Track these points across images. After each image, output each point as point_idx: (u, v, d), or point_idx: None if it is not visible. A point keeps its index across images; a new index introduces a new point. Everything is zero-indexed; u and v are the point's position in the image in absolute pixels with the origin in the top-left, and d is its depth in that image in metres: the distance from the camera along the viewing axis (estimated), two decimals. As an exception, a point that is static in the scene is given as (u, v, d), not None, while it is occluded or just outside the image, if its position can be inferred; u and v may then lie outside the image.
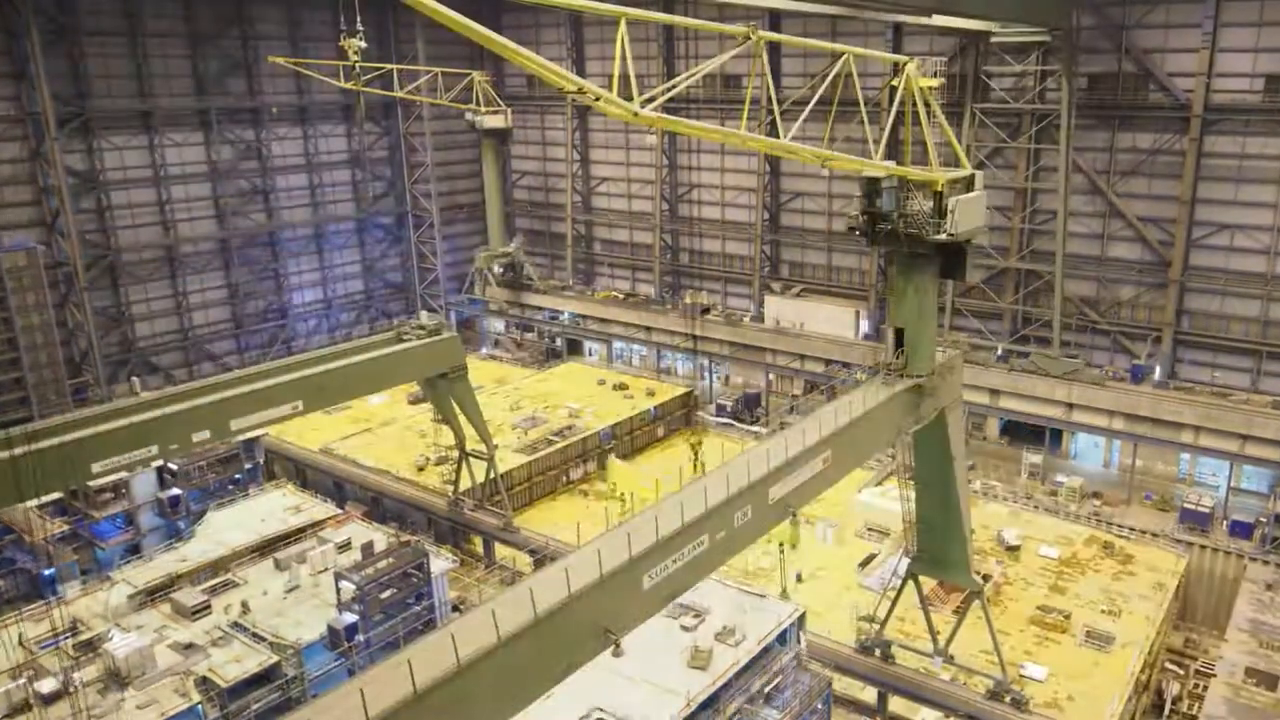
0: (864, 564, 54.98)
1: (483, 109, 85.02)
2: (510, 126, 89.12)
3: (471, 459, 58.99)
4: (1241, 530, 58.98)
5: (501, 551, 58.92)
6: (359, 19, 55.64)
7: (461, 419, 56.78)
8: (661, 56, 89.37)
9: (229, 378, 47.90)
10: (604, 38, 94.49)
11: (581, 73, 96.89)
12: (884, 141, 36.45)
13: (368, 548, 47.36)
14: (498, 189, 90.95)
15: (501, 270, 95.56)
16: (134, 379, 61.32)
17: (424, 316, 57.75)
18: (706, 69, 29.90)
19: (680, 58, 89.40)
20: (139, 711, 38.03)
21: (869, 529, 58.87)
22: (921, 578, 45.05)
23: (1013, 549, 56.37)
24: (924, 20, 62.61)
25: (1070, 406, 66.20)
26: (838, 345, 77.95)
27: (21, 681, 39.05)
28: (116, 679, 39.68)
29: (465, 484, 59.94)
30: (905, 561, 44.46)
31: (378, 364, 51.09)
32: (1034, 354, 68.75)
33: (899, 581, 45.24)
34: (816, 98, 35.13)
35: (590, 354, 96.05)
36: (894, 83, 36.07)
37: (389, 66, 77.18)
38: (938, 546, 42.68)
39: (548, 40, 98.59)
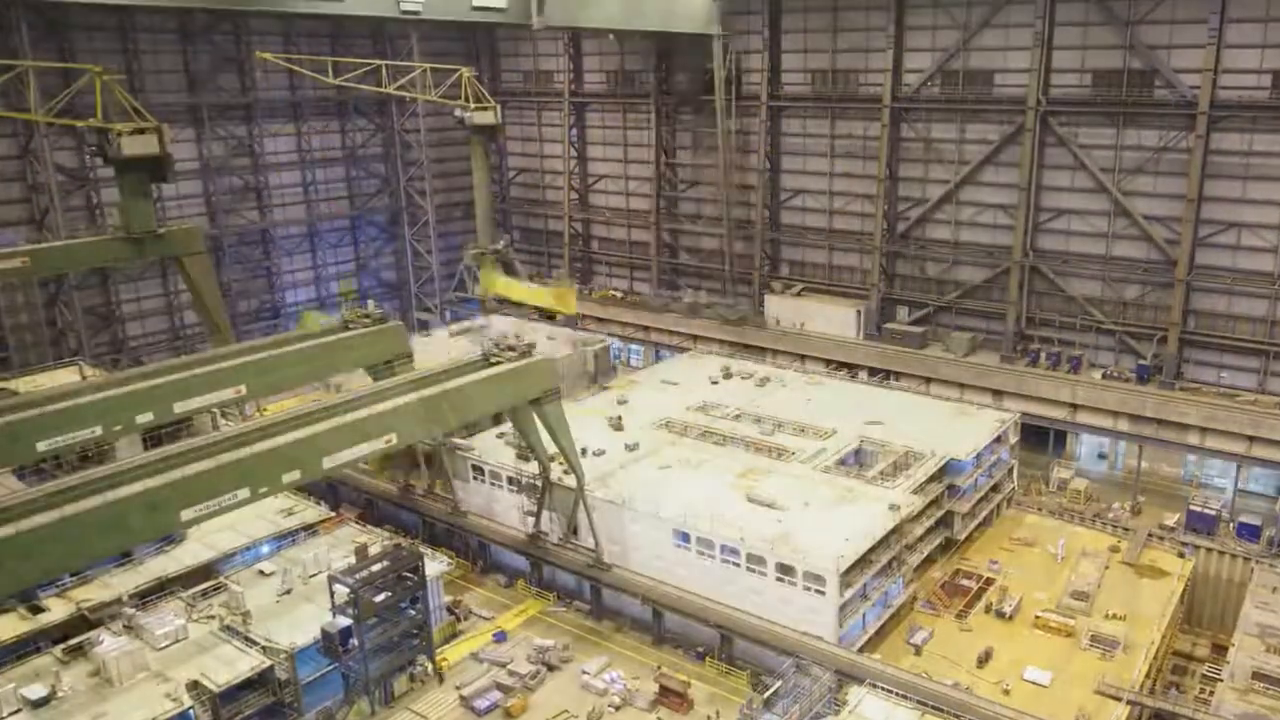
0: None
1: (471, 104, 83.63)
2: (500, 123, 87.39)
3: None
4: (1248, 533, 58.22)
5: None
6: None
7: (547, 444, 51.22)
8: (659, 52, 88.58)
9: (314, 409, 43.51)
10: (600, 33, 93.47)
11: (579, 68, 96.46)
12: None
13: (362, 551, 46.34)
14: (486, 185, 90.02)
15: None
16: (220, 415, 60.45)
17: (509, 336, 54.39)
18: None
19: (679, 53, 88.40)
20: (130, 715, 37.22)
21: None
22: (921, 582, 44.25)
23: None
24: None
25: (1075, 408, 65.53)
26: (838, 344, 77.24)
27: (11, 686, 38.24)
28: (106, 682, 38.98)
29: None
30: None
31: (474, 390, 46.56)
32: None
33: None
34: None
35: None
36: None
37: (378, 63, 76.04)
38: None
39: (545, 36, 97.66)
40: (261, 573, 47.79)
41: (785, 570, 45.82)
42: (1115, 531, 58.37)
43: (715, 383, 67.40)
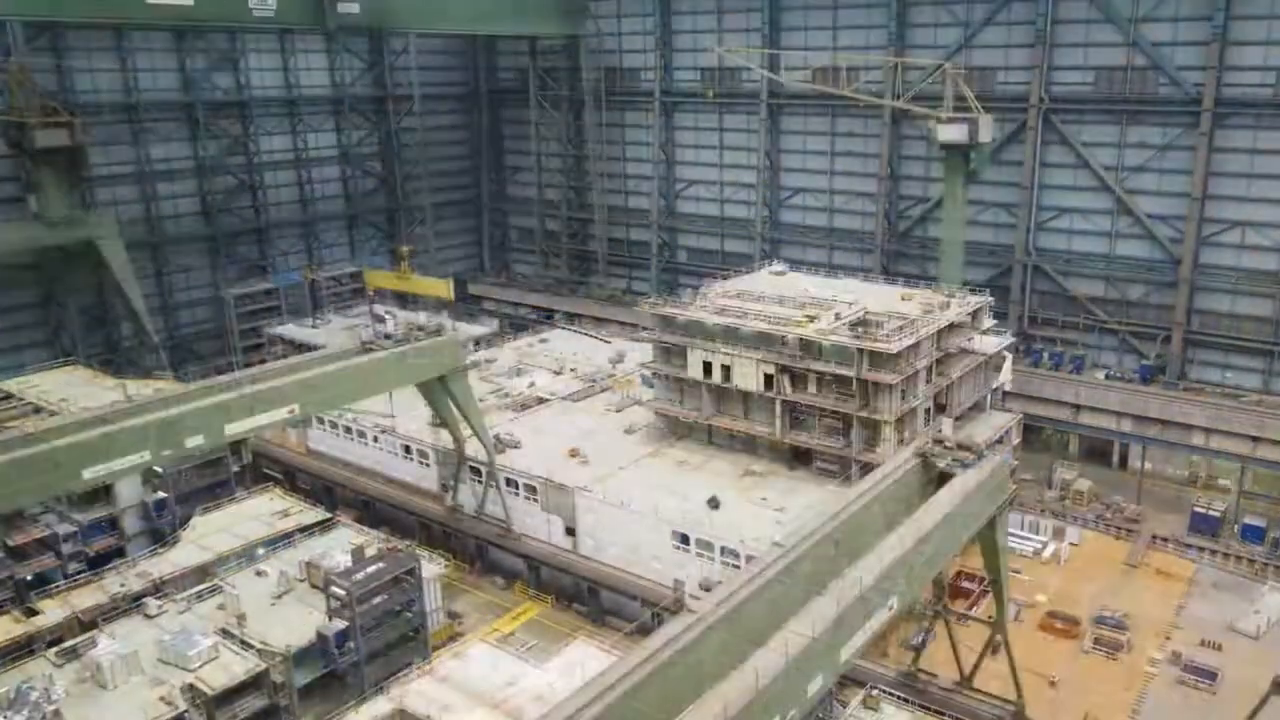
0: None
1: (941, 116, 62.82)
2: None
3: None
4: (1253, 535, 57.64)
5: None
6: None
7: (461, 424, 54.65)
8: (659, 49, 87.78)
9: (223, 380, 46.44)
10: (600, 31, 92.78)
11: (577, 65, 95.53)
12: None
13: (358, 553, 45.75)
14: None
15: None
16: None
17: (422, 316, 55.90)
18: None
19: (679, 50, 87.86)
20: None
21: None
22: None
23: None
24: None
25: (1078, 408, 64.99)
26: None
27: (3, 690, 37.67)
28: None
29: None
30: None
31: (377, 366, 49.30)
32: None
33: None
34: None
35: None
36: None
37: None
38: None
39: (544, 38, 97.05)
40: (258, 574, 47.22)
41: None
42: (1120, 534, 57.85)
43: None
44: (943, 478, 37.01)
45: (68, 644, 41.03)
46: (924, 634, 44.30)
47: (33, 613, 44.04)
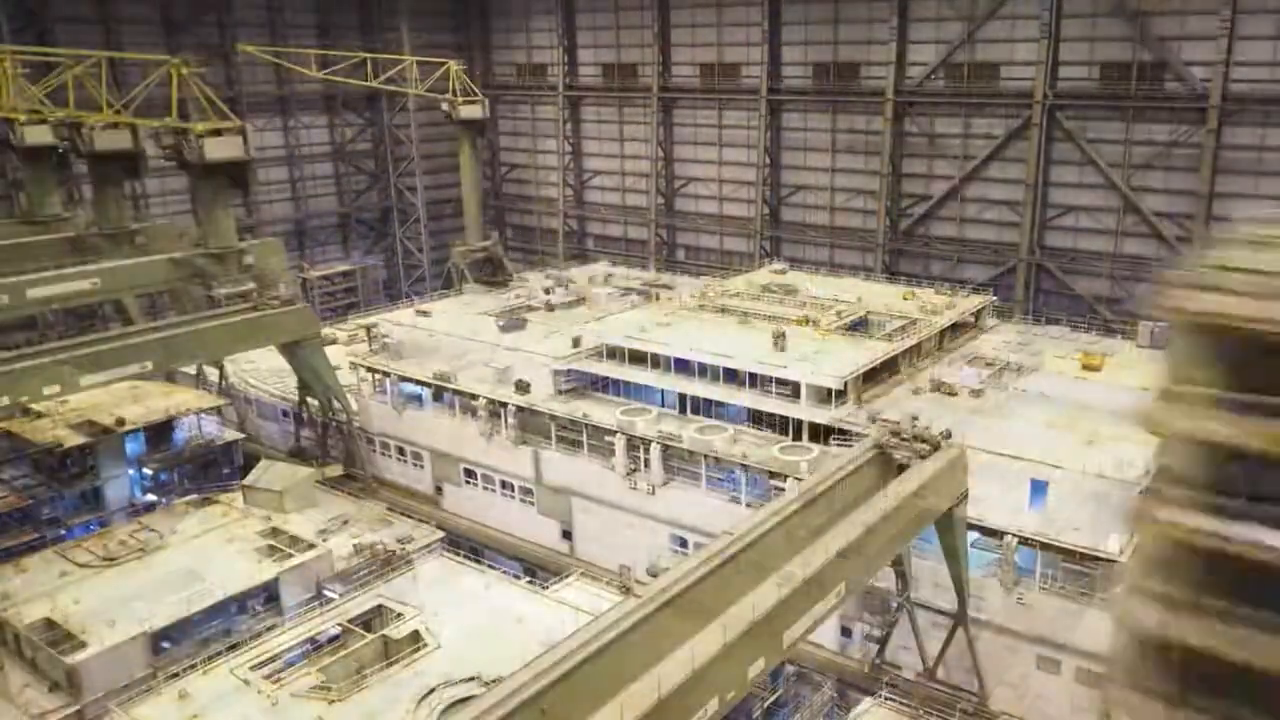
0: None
1: (458, 99, 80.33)
2: (486, 117, 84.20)
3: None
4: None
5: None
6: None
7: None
8: (658, 45, 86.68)
9: (82, 339, 51.31)
10: (596, 25, 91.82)
11: (574, 60, 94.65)
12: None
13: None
14: (474, 182, 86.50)
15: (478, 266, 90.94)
16: None
17: (282, 288, 57.02)
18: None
19: (678, 45, 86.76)
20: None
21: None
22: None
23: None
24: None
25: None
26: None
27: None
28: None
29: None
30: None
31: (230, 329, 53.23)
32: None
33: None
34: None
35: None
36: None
37: (364, 55, 74.54)
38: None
39: (538, 28, 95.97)
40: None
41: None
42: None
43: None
44: (900, 469, 35.84)
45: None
46: (888, 626, 43.31)
47: None
